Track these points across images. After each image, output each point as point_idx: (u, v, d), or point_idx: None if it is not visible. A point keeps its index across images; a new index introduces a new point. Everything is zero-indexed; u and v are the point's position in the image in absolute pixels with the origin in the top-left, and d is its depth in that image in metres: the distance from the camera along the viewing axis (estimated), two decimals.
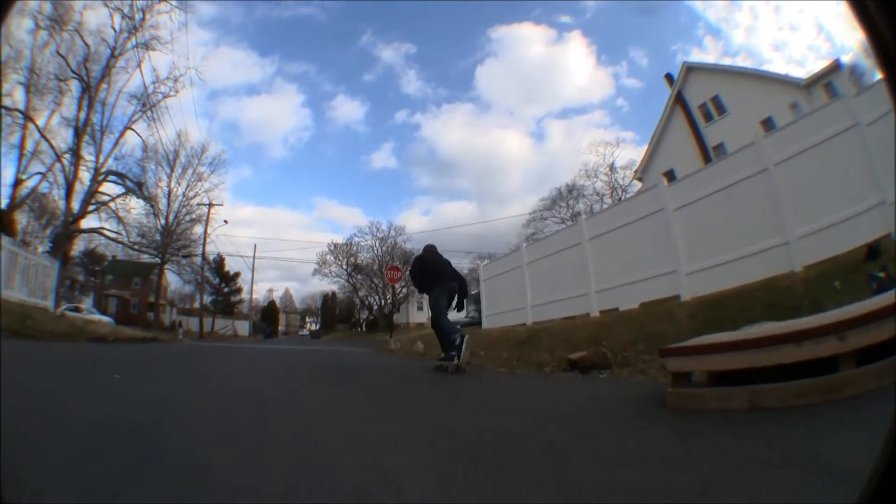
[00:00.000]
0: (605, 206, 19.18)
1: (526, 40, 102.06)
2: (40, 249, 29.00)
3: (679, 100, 26.06)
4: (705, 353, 3.52)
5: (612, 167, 40.53)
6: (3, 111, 30.84)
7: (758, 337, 3.26)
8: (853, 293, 4.93)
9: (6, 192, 32.52)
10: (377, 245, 62.10)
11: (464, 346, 6.98)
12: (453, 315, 8.23)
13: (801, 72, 21.89)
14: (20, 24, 30.92)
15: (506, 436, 2.92)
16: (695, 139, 24.23)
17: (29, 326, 10.86)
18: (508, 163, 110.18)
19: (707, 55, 75.80)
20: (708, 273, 8.69)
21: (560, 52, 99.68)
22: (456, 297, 7.93)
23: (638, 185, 23.01)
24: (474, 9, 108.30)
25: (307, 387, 5.68)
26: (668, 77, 27.70)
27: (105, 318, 27.58)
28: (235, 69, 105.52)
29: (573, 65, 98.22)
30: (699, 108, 24.86)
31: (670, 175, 21.05)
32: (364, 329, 65.07)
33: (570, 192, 42.17)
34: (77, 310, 28.38)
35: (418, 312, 56.37)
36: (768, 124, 18.27)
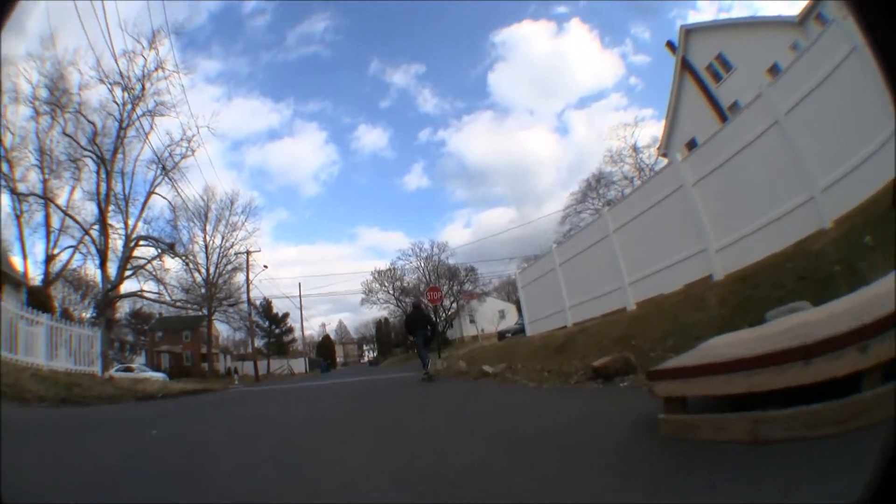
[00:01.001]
0: (626, 194, 18.34)
1: (528, 38, 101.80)
2: (86, 316, 30.18)
3: (685, 65, 24.98)
4: (697, 376, 2.96)
5: (635, 148, 39.35)
6: (20, 197, 31.83)
7: (757, 355, 2.58)
8: (886, 247, 4.43)
9: (39, 269, 33.72)
10: (422, 265, 62.41)
11: (428, 365, 13.95)
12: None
13: (795, 8, 20.36)
14: (17, 112, 32.05)
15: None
16: (709, 102, 23.09)
17: (76, 393, 11.05)
18: (538, 162, 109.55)
19: (703, 15, 73.59)
20: (738, 246, 7.92)
21: (564, 43, 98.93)
22: (430, 334, 15.10)
23: (664, 162, 22.08)
24: (472, 17, 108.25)
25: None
26: (670, 45, 26.56)
27: (157, 375, 28.25)
28: (253, 118, 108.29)
29: (579, 53, 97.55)
30: (706, 70, 23.71)
31: (692, 144, 20.11)
32: (435, 343, 65.06)
33: (599, 182, 40.96)
34: (129, 369, 29.05)
35: (471, 325, 55.87)
36: (775, 71, 17.16)
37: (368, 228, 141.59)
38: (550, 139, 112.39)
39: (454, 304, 60.81)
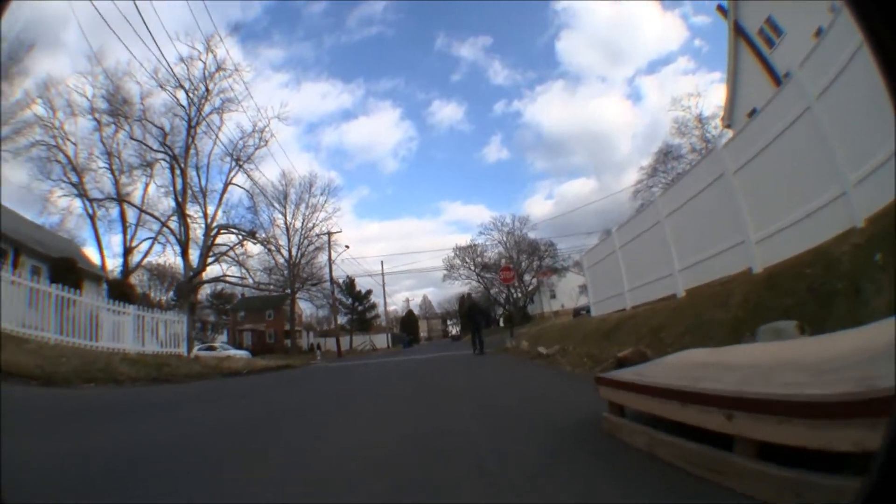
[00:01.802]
0: (677, 178, 17.45)
1: (590, 3, 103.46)
2: (165, 299, 31.48)
3: (738, 31, 22.83)
4: (629, 391, 3.17)
5: (700, 119, 37.11)
6: (95, 202, 33.63)
7: (686, 391, 2.56)
8: None
9: (116, 262, 35.73)
10: (505, 239, 62.42)
11: (483, 347, 17.77)
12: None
13: None
14: (76, 124, 33.55)
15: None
16: (765, 70, 21.10)
17: (166, 373, 12.10)
18: (614, 130, 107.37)
19: None
20: (775, 239, 7.61)
21: (625, 6, 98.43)
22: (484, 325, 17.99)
23: (729, 134, 20.60)
24: None
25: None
26: (721, 9, 24.19)
27: (241, 353, 29.74)
28: (324, 100, 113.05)
29: (641, 15, 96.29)
30: (759, 35, 21.32)
31: (754, 114, 18.50)
32: (502, 324, 65.59)
33: (667, 155, 38.90)
34: (211, 348, 30.69)
35: (552, 301, 55.66)
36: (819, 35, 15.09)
37: (451, 202, 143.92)
38: (624, 106, 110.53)
39: (534, 280, 60.64)
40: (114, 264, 35.51)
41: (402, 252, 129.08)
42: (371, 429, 4.71)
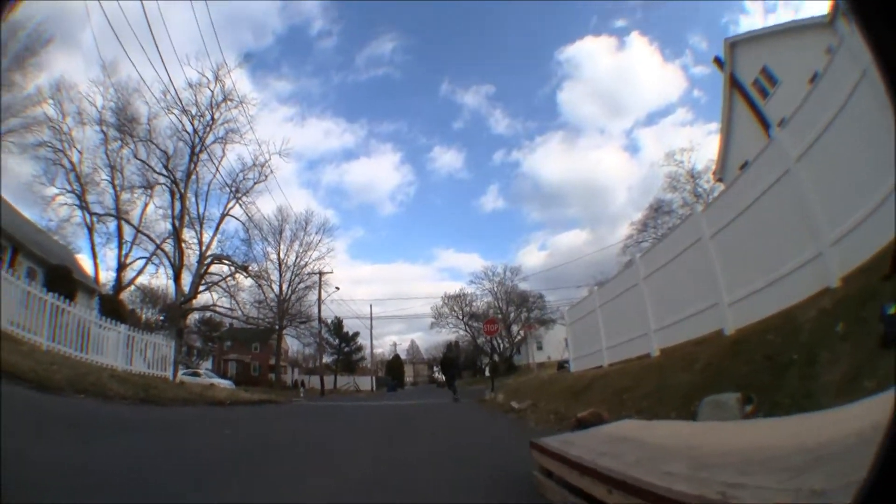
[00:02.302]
0: (656, 241, 17.54)
1: (592, 55, 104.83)
2: (153, 318, 30.59)
3: (734, 82, 23.07)
4: (546, 456, 3.44)
5: (692, 174, 36.98)
6: (95, 217, 33.24)
7: (566, 458, 2.99)
8: (858, 339, 4.00)
9: (107, 276, 35.05)
10: (495, 288, 62.37)
11: (456, 393, 20.01)
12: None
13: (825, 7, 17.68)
14: (84, 132, 33.24)
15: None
16: (758, 122, 21.25)
17: (153, 394, 11.91)
18: (610, 182, 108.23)
19: (752, 18, 70.48)
20: (750, 300, 7.61)
21: (627, 58, 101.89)
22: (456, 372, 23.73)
23: (720, 188, 20.49)
24: (536, 35, 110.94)
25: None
26: (717, 61, 24.17)
27: (225, 382, 29.32)
28: (328, 137, 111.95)
29: (642, 67, 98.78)
30: (753, 86, 21.49)
31: (735, 177, 18.52)
32: (487, 373, 64.98)
33: (657, 211, 38.78)
34: (196, 374, 29.84)
35: (538, 352, 55.22)
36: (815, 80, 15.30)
37: (445, 249, 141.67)
38: (621, 158, 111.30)
39: (521, 333, 60.36)
40: (107, 277, 35.02)
41: (393, 296, 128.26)
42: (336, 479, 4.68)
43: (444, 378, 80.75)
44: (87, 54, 78.99)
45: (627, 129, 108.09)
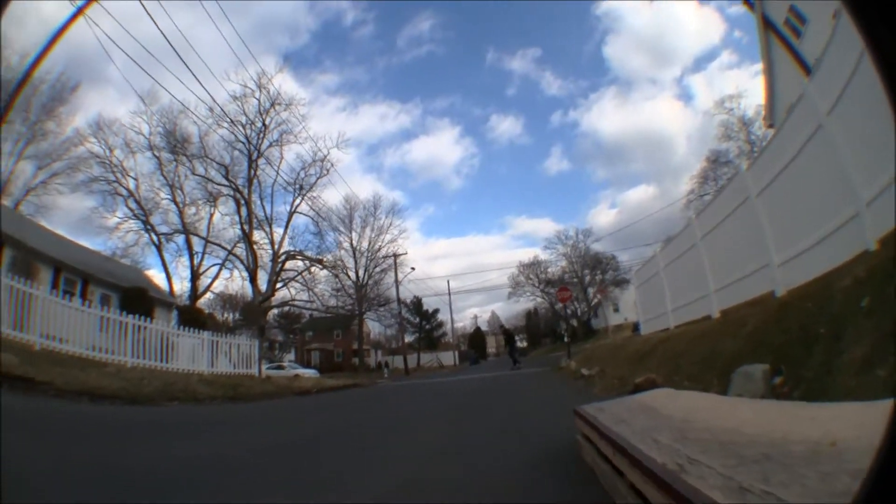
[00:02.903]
0: (708, 201, 16.52)
1: (630, 7, 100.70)
2: (231, 319, 31.58)
3: (767, 24, 21.12)
4: (582, 421, 3.64)
5: (743, 121, 35.00)
6: (164, 237, 34.03)
7: (593, 424, 3.16)
8: (881, 317, 3.71)
9: (183, 287, 36.01)
10: (569, 252, 61.58)
11: (519, 364, 24.61)
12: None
13: None
14: (135, 161, 33.83)
15: None
16: (797, 63, 19.34)
17: (240, 392, 12.74)
18: (669, 133, 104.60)
19: None
20: (798, 261, 7.22)
21: (664, 5, 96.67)
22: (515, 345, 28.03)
23: (771, 134, 18.87)
24: None
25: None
26: (747, 2, 22.60)
27: (309, 371, 30.07)
28: (383, 121, 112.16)
29: (679, 11, 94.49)
30: (786, 26, 19.55)
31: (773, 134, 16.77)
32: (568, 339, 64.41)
33: (715, 162, 36.95)
34: (280, 367, 30.58)
35: (615, 315, 54.20)
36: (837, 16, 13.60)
37: (516, 217, 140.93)
38: (675, 107, 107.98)
39: (597, 297, 59.38)
40: (182, 288, 35.99)
41: (470, 269, 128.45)
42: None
43: (525, 346, 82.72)
44: (120, 87, 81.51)
45: (677, 77, 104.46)
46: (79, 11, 9.74)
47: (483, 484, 3.49)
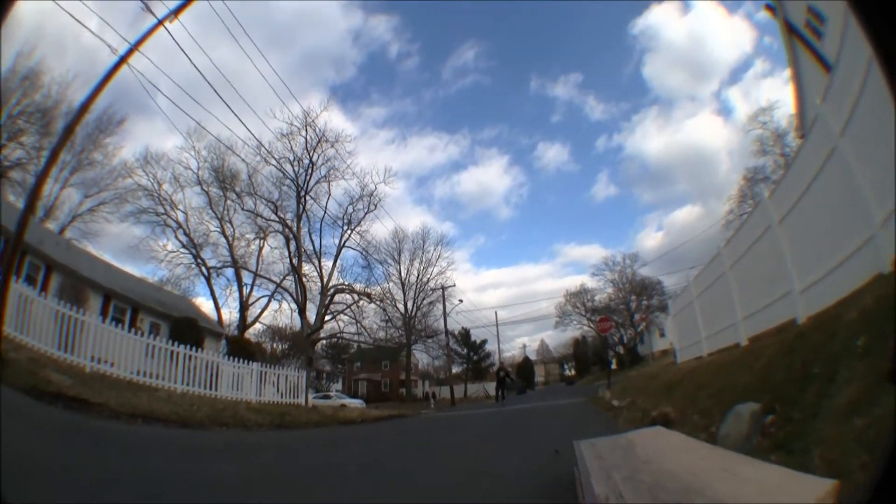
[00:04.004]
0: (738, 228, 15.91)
1: (662, 22, 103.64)
2: (279, 349, 31.91)
3: (790, 29, 20.15)
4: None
5: (777, 134, 33.58)
6: (215, 272, 33.96)
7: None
8: (874, 360, 3.37)
9: (231, 317, 35.62)
10: (617, 279, 60.40)
11: (503, 397, 28.93)
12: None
13: None
14: (184, 196, 33.80)
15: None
16: (822, 66, 18.12)
17: (287, 420, 12.85)
18: (711, 150, 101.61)
19: None
20: (816, 288, 6.80)
21: (694, 18, 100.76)
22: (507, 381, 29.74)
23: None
24: (605, 14, 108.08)
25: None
26: (769, 8, 21.56)
27: (355, 402, 29.84)
28: (433, 153, 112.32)
29: (711, 23, 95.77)
30: (807, 28, 18.50)
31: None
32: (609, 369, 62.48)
33: (750, 181, 35.33)
34: (326, 397, 30.25)
35: (660, 340, 52.45)
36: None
37: (565, 244, 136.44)
38: (716, 122, 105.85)
39: (642, 324, 57.79)
40: (230, 318, 35.69)
41: (520, 298, 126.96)
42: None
43: (573, 374, 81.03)
44: (168, 118, 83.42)
45: (715, 92, 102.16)
46: (121, 60, 10.16)
47: None
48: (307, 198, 31.20)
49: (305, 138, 30.71)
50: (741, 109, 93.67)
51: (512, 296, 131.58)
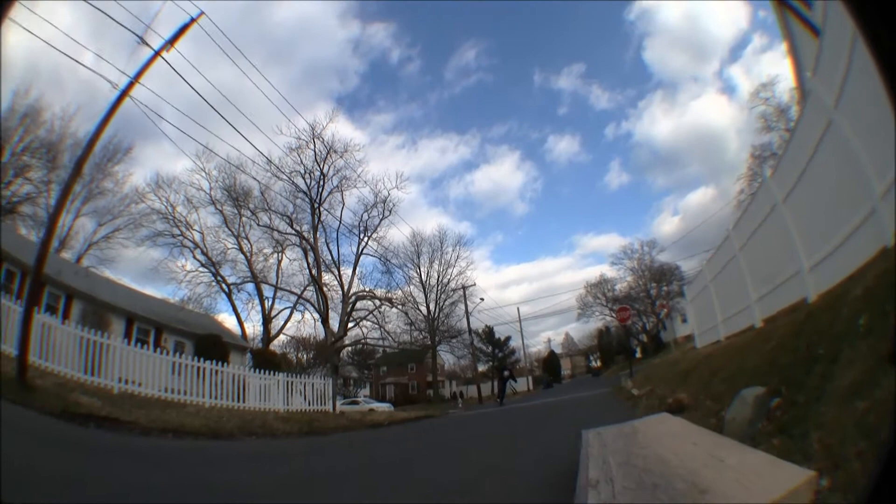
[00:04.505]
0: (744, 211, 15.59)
1: (657, 5, 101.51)
2: (304, 358, 31.39)
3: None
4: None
5: (780, 109, 32.81)
6: (235, 288, 33.84)
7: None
8: (876, 339, 3.28)
9: (255, 330, 35.42)
10: (636, 266, 59.83)
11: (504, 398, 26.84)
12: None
13: None
14: (199, 216, 33.61)
15: None
16: (813, 35, 17.33)
17: (315, 426, 13.05)
18: (719, 129, 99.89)
19: None
20: (824, 265, 6.66)
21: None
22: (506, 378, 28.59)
23: None
24: (600, 2, 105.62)
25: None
26: None
27: (383, 405, 29.72)
28: (444, 154, 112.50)
29: (704, 1, 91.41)
30: None
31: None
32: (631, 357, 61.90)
33: (758, 158, 34.41)
34: (354, 402, 30.17)
35: (682, 326, 51.83)
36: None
37: (583, 235, 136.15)
38: (721, 101, 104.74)
39: (664, 310, 57.09)
40: (254, 331, 35.52)
41: (542, 292, 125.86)
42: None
43: (598, 365, 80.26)
44: (177, 141, 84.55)
45: (717, 71, 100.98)
46: (123, 94, 10.28)
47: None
48: (321, 209, 31.05)
49: (314, 150, 30.53)
50: (744, 87, 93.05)
51: (534, 291, 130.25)
